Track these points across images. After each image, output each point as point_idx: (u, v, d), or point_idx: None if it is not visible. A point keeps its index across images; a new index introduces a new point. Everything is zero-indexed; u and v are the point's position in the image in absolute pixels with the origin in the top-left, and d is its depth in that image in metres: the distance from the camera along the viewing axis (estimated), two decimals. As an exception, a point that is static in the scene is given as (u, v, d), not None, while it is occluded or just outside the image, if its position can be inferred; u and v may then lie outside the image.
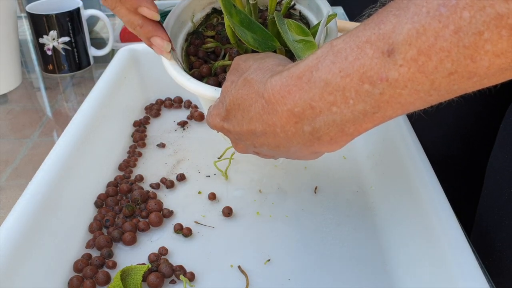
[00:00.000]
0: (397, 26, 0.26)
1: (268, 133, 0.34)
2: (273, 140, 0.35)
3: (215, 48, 0.50)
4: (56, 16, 0.85)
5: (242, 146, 0.40)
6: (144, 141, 0.66)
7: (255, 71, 0.36)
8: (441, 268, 0.40)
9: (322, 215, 0.53)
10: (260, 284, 0.45)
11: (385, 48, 0.26)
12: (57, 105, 0.82)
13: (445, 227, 0.42)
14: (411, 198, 0.48)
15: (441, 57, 0.24)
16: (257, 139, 0.36)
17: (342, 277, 0.46)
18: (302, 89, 0.30)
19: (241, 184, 0.58)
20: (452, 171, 0.67)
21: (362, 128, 0.30)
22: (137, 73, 0.74)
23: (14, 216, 0.43)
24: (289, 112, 0.31)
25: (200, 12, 0.51)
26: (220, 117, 0.39)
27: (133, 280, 0.44)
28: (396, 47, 0.26)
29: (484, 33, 0.23)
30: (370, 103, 0.28)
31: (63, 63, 0.90)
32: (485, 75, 0.24)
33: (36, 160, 0.66)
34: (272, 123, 0.33)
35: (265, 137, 0.35)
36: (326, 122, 0.30)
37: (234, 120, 0.37)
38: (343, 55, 0.28)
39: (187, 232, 0.50)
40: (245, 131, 0.36)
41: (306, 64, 0.31)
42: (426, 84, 0.26)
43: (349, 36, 0.29)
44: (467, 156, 0.66)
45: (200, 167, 0.61)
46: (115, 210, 0.53)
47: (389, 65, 0.26)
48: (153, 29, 0.43)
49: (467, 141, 0.65)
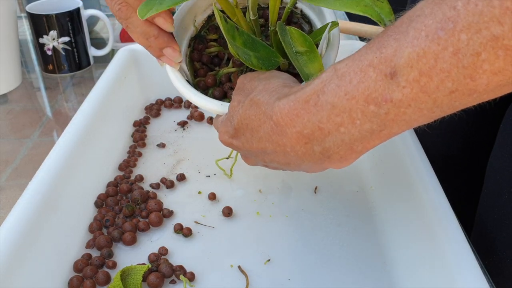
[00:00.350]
0: (398, 50, 0.27)
1: (278, 152, 0.35)
2: (283, 158, 0.36)
3: (218, 52, 0.50)
4: (56, 16, 0.85)
5: (252, 160, 0.42)
6: (144, 141, 0.66)
7: (261, 92, 0.37)
8: (441, 268, 0.40)
9: (322, 215, 0.53)
10: (260, 284, 0.45)
11: (388, 70, 0.27)
12: (57, 105, 0.82)
13: (445, 227, 0.42)
14: (411, 198, 0.48)
15: (442, 77, 0.26)
16: (267, 156, 0.37)
17: (342, 277, 0.46)
18: (310, 112, 0.32)
19: (241, 184, 0.58)
20: (452, 171, 0.67)
21: (370, 145, 0.31)
22: (137, 73, 0.74)
23: (14, 216, 0.43)
24: (299, 133, 0.33)
25: (201, 15, 0.51)
26: (228, 134, 0.40)
27: (133, 280, 0.44)
28: (398, 69, 0.27)
29: (481, 54, 0.24)
30: (376, 122, 0.29)
31: (63, 63, 0.90)
32: (485, 91, 0.25)
33: (36, 160, 0.66)
34: (282, 143, 0.34)
35: (275, 155, 0.36)
36: (335, 142, 0.32)
37: (243, 138, 0.38)
38: (347, 79, 0.30)
39: (187, 232, 0.50)
40: (255, 148, 0.37)
41: (312, 88, 0.32)
42: (429, 103, 0.27)
43: (351, 60, 0.30)
44: (467, 156, 0.66)
45: (200, 167, 0.61)
46: (115, 210, 0.53)
47: (392, 86, 0.27)
48: (167, 40, 0.44)
49: (467, 141, 0.65)
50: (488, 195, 0.53)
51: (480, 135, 0.64)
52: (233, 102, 0.40)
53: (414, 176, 0.48)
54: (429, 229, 0.43)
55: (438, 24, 0.25)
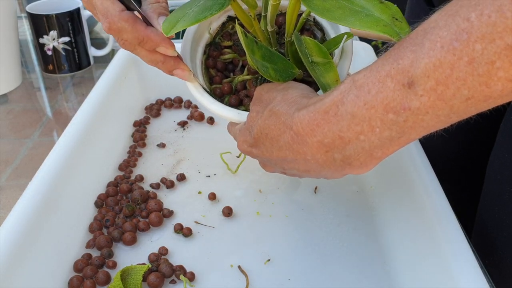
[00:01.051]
0: (415, 61, 0.28)
1: (299, 160, 0.36)
2: (304, 166, 0.37)
3: (232, 59, 0.51)
4: (56, 16, 0.85)
5: (271, 168, 0.43)
6: (144, 141, 0.66)
7: (280, 103, 0.38)
8: (441, 268, 0.40)
9: (322, 215, 0.53)
10: (260, 284, 0.45)
11: (405, 80, 0.29)
12: (57, 105, 0.82)
13: (445, 227, 0.42)
14: (411, 198, 0.48)
15: (458, 85, 0.27)
16: (287, 164, 0.38)
17: (342, 277, 0.46)
18: (330, 122, 0.33)
19: (241, 184, 0.58)
20: (452, 171, 0.67)
21: (389, 151, 0.33)
22: (137, 73, 0.74)
23: (14, 216, 0.43)
24: (319, 143, 0.34)
25: (216, 22, 0.52)
26: (248, 143, 0.41)
27: (133, 280, 0.44)
28: (415, 79, 0.28)
29: (496, 62, 0.25)
30: (395, 129, 0.30)
31: (63, 63, 0.90)
32: (499, 96, 0.27)
33: (36, 160, 0.66)
34: (302, 152, 0.35)
35: (295, 163, 0.37)
36: (355, 150, 0.33)
37: (263, 147, 0.39)
38: (366, 89, 0.31)
39: (187, 232, 0.50)
40: (275, 157, 0.38)
41: (331, 99, 0.33)
42: (446, 109, 0.28)
43: (369, 71, 0.31)
44: (467, 156, 0.66)
45: (200, 167, 0.61)
46: (115, 210, 0.53)
47: (410, 95, 0.29)
48: (174, 63, 0.46)
49: (468, 141, 0.65)
50: (489, 195, 0.53)
51: (480, 134, 0.64)
52: (252, 112, 0.41)
53: (414, 176, 0.48)
54: (429, 229, 0.43)
55: (453, 36, 0.26)
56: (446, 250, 0.40)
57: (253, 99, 0.43)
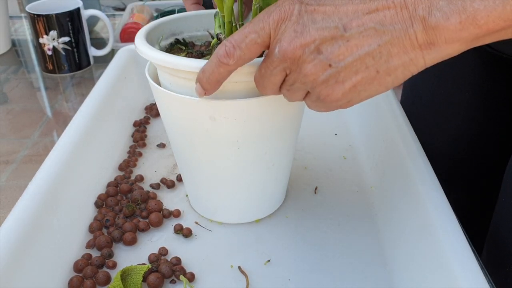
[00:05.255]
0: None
1: (388, 9, 0.31)
2: (390, 19, 0.31)
3: None
4: (56, 16, 0.85)
5: (310, 36, 0.34)
6: (144, 141, 0.66)
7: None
8: (441, 268, 0.40)
9: (322, 215, 0.53)
10: (260, 284, 0.45)
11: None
12: (57, 105, 0.82)
13: (445, 227, 0.42)
14: (411, 198, 0.48)
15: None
16: (364, 17, 0.32)
17: (342, 277, 0.46)
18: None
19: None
20: (456, 173, 0.66)
21: (493, 24, 0.29)
22: (137, 73, 0.74)
23: (14, 216, 0.43)
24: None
25: (163, 41, 0.51)
26: (299, 2, 0.34)
27: (133, 280, 0.44)
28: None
29: None
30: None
31: (63, 63, 0.90)
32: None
33: (36, 160, 0.66)
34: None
35: (378, 13, 0.31)
36: (463, 3, 0.29)
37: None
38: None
39: (187, 233, 0.50)
40: (340, 11, 0.32)
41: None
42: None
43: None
44: (472, 158, 0.65)
45: (200, 167, 0.61)
46: (115, 210, 0.53)
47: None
48: None
49: (472, 143, 0.65)
50: (505, 207, 0.52)
51: (485, 137, 0.63)
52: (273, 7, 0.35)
53: (414, 176, 0.48)
54: (429, 229, 0.43)
55: None
56: (446, 250, 0.40)
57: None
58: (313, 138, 0.65)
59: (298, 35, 0.33)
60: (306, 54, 0.33)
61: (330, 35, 0.32)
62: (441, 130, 0.66)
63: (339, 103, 0.35)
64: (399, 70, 0.32)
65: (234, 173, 0.48)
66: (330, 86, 0.34)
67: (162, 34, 0.51)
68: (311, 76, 0.34)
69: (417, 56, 0.32)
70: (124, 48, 0.75)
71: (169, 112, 0.46)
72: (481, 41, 0.30)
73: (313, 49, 0.33)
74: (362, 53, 0.32)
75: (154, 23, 0.50)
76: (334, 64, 0.33)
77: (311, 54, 0.33)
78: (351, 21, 0.32)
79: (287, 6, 0.34)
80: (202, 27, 0.53)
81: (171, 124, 0.47)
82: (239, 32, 0.35)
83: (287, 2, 0.34)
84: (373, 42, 0.32)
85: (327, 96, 0.35)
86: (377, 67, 0.32)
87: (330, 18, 0.32)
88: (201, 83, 0.38)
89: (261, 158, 0.47)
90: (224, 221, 0.52)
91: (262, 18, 0.34)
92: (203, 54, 0.48)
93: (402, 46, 0.31)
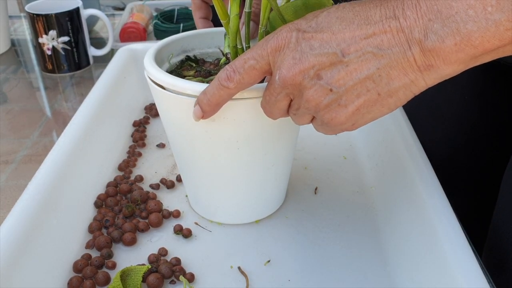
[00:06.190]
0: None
1: (384, 33, 0.32)
2: (387, 43, 0.32)
3: None
4: (55, 16, 0.85)
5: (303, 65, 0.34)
6: (144, 141, 0.66)
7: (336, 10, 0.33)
8: (441, 268, 0.40)
9: (322, 215, 0.53)
10: (260, 285, 0.45)
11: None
12: (56, 105, 0.81)
13: (445, 227, 0.42)
14: (411, 198, 0.48)
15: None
16: (362, 42, 0.32)
17: (342, 278, 0.46)
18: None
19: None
20: (455, 174, 0.66)
21: (488, 43, 0.29)
22: (137, 73, 0.74)
23: (14, 216, 0.43)
24: (428, 8, 0.30)
25: (175, 58, 0.52)
26: (298, 26, 0.34)
27: (132, 281, 0.44)
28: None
29: None
30: (507, 13, 0.28)
31: (62, 63, 0.90)
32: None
33: (36, 160, 0.66)
34: (403, 16, 0.31)
35: (375, 37, 0.32)
36: (457, 26, 0.29)
37: (327, 29, 0.33)
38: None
39: (187, 233, 0.50)
40: (342, 37, 0.33)
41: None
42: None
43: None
44: (470, 158, 0.65)
45: (200, 167, 0.61)
46: (115, 210, 0.53)
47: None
48: None
49: (470, 143, 0.65)
50: (504, 211, 0.51)
51: (485, 139, 0.63)
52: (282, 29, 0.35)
53: (414, 176, 0.48)
54: (429, 229, 0.43)
55: None
56: (446, 250, 0.40)
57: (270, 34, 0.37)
58: (313, 138, 0.65)
59: (297, 62, 0.34)
60: (306, 80, 0.34)
61: (329, 61, 0.33)
62: (440, 132, 0.66)
63: (344, 126, 0.36)
64: (401, 91, 0.33)
65: (233, 174, 0.48)
66: (333, 110, 0.35)
67: (172, 51, 0.52)
68: (313, 101, 0.35)
69: (417, 78, 0.32)
70: (124, 48, 0.75)
71: (169, 113, 0.46)
72: (480, 60, 0.31)
73: (312, 75, 0.34)
74: (362, 77, 0.33)
75: (165, 41, 0.51)
76: (335, 89, 0.34)
77: (311, 80, 0.34)
78: (349, 46, 0.32)
79: (284, 34, 0.35)
80: (214, 44, 0.54)
81: (170, 125, 0.47)
82: (240, 57, 0.37)
83: (285, 30, 0.35)
84: (372, 66, 0.32)
85: (331, 120, 0.35)
86: (378, 90, 0.33)
87: (328, 44, 0.33)
88: (201, 105, 0.40)
89: (260, 158, 0.46)
90: (223, 221, 0.52)
91: (261, 46, 0.36)
92: (210, 73, 0.49)
93: (401, 68, 0.32)
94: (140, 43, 0.86)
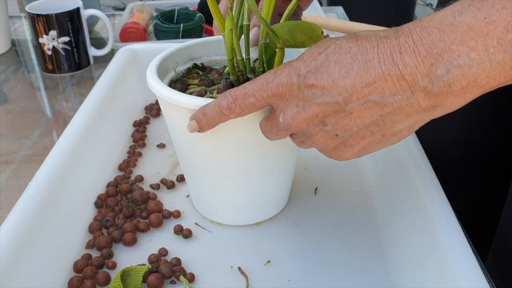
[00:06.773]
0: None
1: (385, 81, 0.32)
2: (389, 91, 0.32)
3: (199, 93, 0.49)
4: (56, 16, 0.85)
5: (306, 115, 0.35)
6: (144, 141, 0.66)
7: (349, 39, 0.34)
8: (441, 268, 0.40)
9: (322, 215, 0.53)
10: (260, 285, 0.45)
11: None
12: (56, 105, 0.81)
13: (445, 227, 0.42)
14: (411, 198, 0.48)
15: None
16: (363, 90, 0.32)
17: (342, 278, 0.46)
18: (443, 31, 0.30)
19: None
20: (456, 174, 0.66)
21: (494, 82, 0.30)
22: (137, 73, 0.74)
23: (14, 216, 0.43)
24: (427, 52, 0.30)
25: (181, 66, 0.53)
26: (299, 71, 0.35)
27: (133, 281, 0.44)
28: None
29: None
30: (510, 53, 0.28)
31: (63, 63, 0.90)
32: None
33: (36, 160, 0.66)
34: (403, 62, 0.31)
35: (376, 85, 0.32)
36: (461, 69, 0.30)
37: (326, 74, 0.33)
38: (489, 3, 0.28)
39: (187, 233, 0.50)
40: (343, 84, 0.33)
41: (449, 9, 0.30)
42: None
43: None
44: (472, 158, 0.65)
45: (200, 167, 0.61)
46: (115, 210, 0.53)
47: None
48: None
49: (471, 144, 0.64)
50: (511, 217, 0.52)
51: (486, 139, 0.63)
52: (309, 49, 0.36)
53: (414, 176, 0.48)
54: (429, 229, 0.43)
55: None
56: (446, 250, 0.40)
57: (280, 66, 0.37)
58: (313, 138, 0.65)
59: (301, 110, 0.35)
60: (312, 127, 0.36)
61: (332, 109, 0.34)
62: (440, 132, 0.66)
63: (350, 159, 0.38)
64: (404, 131, 0.34)
65: (233, 176, 0.48)
66: (340, 150, 0.37)
67: (178, 60, 0.52)
68: (320, 144, 0.37)
69: (421, 117, 0.33)
70: (124, 48, 0.75)
71: (170, 116, 0.46)
72: (486, 92, 0.31)
73: (317, 122, 0.35)
74: (366, 123, 0.34)
75: (171, 50, 0.52)
76: (341, 134, 0.35)
77: (316, 127, 0.36)
78: (351, 95, 0.33)
79: (284, 79, 0.35)
80: (221, 52, 0.54)
81: (172, 125, 0.47)
82: (242, 88, 0.38)
83: (284, 75, 0.35)
84: (375, 114, 0.33)
85: (338, 157, 0.38)
86: (382, 132, 0.34)
87: (330, 93, 0.33)
88: (199, 124, 0.41)
89: (260, 161, 0.46)
90: (224, 222, 0.52)
91: (261, 85, 0.36)
92: (213, 82, 0.50)
93: (405, 113, 0.33)
94: (140, 43, 0.86)
